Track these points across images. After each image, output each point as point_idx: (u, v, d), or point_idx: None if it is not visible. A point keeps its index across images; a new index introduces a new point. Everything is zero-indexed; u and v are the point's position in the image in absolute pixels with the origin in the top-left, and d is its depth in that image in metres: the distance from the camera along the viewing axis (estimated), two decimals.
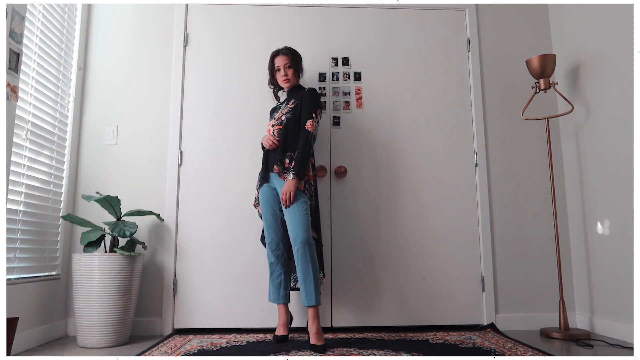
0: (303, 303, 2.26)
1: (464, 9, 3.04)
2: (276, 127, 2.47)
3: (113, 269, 2.33)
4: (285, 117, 2.45)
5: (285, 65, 2.50)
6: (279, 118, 2.48)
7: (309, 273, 2.24)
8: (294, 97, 2.51)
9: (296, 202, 2.29)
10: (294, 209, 2.30)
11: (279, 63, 2.51)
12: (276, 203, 2.43)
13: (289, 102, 2.51)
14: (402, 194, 2.83)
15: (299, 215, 2.29)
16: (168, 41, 2.90)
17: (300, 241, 2.25)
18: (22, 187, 2.27)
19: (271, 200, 2.43)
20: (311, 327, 2.24)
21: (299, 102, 2.47)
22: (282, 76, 2.51)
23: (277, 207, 2.43)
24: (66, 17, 2.68)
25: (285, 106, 2.51)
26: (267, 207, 2.44)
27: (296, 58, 2.54)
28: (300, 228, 2.26)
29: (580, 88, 2.78)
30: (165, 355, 2.08)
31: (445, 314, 2.74)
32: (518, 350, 2.14)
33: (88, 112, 2.82)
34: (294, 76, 2.53)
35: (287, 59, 2.50)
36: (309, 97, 2.44)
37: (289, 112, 2.46)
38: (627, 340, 2.35)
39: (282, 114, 2.48)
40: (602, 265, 2.58)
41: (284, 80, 2.51)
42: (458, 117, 2.93)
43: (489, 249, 2.80)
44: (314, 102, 2.42)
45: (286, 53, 2.51)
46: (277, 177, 2.40)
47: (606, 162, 2.55)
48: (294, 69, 2.52)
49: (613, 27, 2.50)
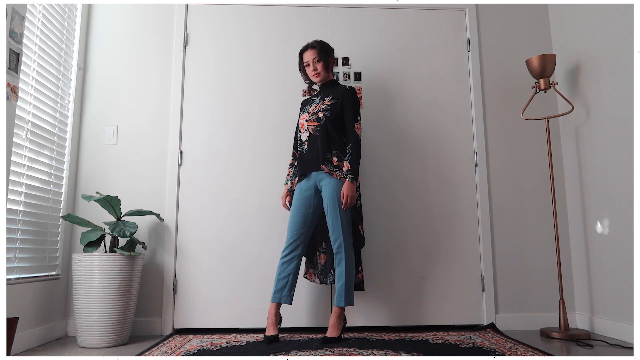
0: (335, 303, 2.36)
1: (464, 9, 3.04)
2: (312, 124, 2.45)
3: (113, 269, 2.33)
4: (323, 114, 2.43)
5: (314, 60, 2.48)
6: (314, 113, 2.46)
7: (342, 276, 2.33)
8: (331, 94, 2.48)
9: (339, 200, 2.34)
10: (344, 212, 2.35)
11: (307, 58, 2.49)
12: (311, 206, 2.42)
13: (325, 98, 2.48)
14: (402, 194, 2.83)
15: (347, 219, 2.36)
16: (168, 41, 2.90)
17: (344, 245, 2.32)
18: (22, 187, 2.27)
19: (306, 202, 2.43)
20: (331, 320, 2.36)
21: (338, 101, 2.44)
22: (312, 71, 2.48)
23: (311, 209, 2.42)
24: (66, 17, 2.68)
25: (321, 101, 2.48)
26: (300, 207, 2.42)
27: (325, 50, 2.49)
28: (346, 232, 2.34)
29: (580, 88, 2.78)
30: (165, 355, 2.08)
31: (445, 314, 2.74)
32: (518, 350, 2.14)
33: (88, 112, 2.82)
34: (324, 70, 2.49)
35: (315, 52, 2.47)
36: (353, 97, 2.44)
37: (327, 109, 2.43)
38: (627, 340, 2.35)
39: (318, 109, 2.46)
40: (602, 265, 2.58)
41: (314, 75, 2.49)
42: (458, 117, 2.94)
43: (489, 249, 2.80)
44: (357, 104, 2.45)
45: (314, 46, 2.48)
46: (325, 176, 2.38)
47: (606, 162, 2.55)
48: (324, 62, 2.48)
49: (613, 27, 2.50)
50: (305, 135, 2.48)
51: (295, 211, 2.43)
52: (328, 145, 2.40)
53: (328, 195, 2.37)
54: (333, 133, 2.42)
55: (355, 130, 2.41)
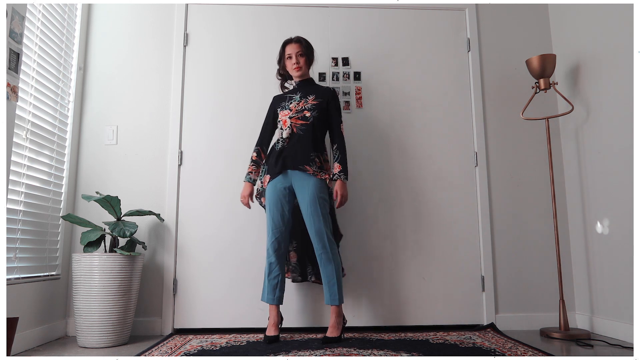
0: (326, 301, 2.35)
1: (464, 9, 3.04)
2: (296, 121, 2.44)
3: (113, 269, 2.33)
4: (311, 114, 2.43)
5: (298, 53, 2.49)
6: (298, 111, 2.45)
7: (333, 274, 2.33)
8: (313, 93, 2.49)
9: (323, 201, 2.36)
10: (326, 212, 2.36)
11: (290, 51, 2.50)
12: (288, 203, 2.41)
13: (308, 97, 2.48)
14: (402, 194, 2.83)
15: (326, 215, 2.36)
16: (168, 41, 2.90)
17: (329, 244, 2.32)
18: (22, 187, 2.27)
19: (282, 199, 2.40)
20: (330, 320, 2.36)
21: (322, 101, 2.47)
22: (294, 64, 2.48)
23: (288, 207, 2.41)
24: (66, 17, 2.68)
25: (303, 99, 2.48)
26: (276, 206, 2.40)
27: (309, 47, 2.53)
28: (329, 231, 2.35)
29: (580, 88, 2.78)
30: (165, 355, 2.08)
31: (445, 314, 2.74)
32: (518, 350, 2.14)
33: (88, 112, 2.82)
34: (306, 65, 2.51)
35: (300, 46, 2.49)
36: (337, 99, 2.53)
37: (313, 108, 2.44)
38: (627, 340, 2.35)
39: (302, 107, 2.45)
40: (602, 265, 2.58)
41: (295, 68, 2.49)
42: (458, 117, 2.93)
43: (489, 249, 2.80)
44: (340, 105, 2.55)
45: (299, 41, 2.51)
46: (306, 176, 2.37)
47: (606, 161, 2.55)
48: (307, 58, 2.50)
49: (613, 27, 2.50)
50: (286, 133, 2.45)
51: (274, 209, 2.39)
52: (314, 145, 2.40)
53: (310, 195, 2.35)
54: (319, 133, 2.45)
55: (341, 131, 2.50)
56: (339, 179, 2.39)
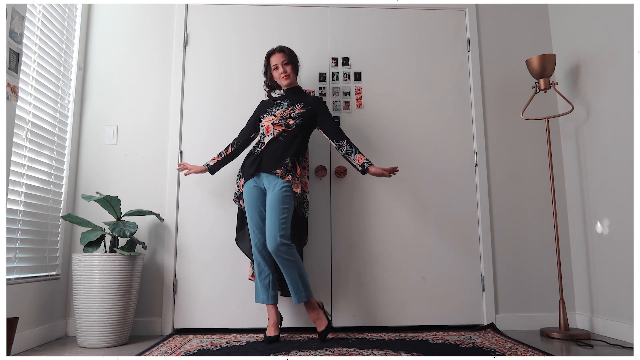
0: (294, 301, 2.33)
1: (464, 9, 3.04)
2: (278, 127, 2.46)
3: (113, 269, 2.33)
4: (294, 122, 2.45)
5: (283, 62, 2.50)
6: (282, 118, 2.47)
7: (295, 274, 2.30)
8: (301, 101, 2.52)
9: (283, 204, 2.32)
10: (284, 206, 2.33)
11: (275, 61, 2.51)
12: (262, 203, 2.43)
13: (296, 105, 2.50)
14: (402, 194, 2.83)
15: (286, 213, 2.33)
16: (168, 41, 2.90)
17: (287, 243, 2.28)
18: (22, 187, 2.27)
19: (258, 200, 2.43)
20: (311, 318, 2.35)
21: (310, 109, 2.49)
22: (282, 73, 2.50)
23: (263, 207, 2.42)
24: (66, 17, 2.68)
25: (291, 107, 2.50)
26: (253, 207, 2.43)
27: (293, 54, 2.55)
28: (289, 230, 2.33)
29: (580, 88, 2.78)
30: (165, 355, 2.08)
31: (445, 314, 2.74)
32: (518, 350, 2.14)
33: (88, 112, 2.82)
34: (293, 73, 2.53)
35: (284, 55, 2.51)
36: (326, 106, 2.57)
37: (298, 117, 2.46)
38: (627, 340, 2.35)
39: (287, 114, 2.47)
40: (602, 265, 2.58)
41: (283, 77, 2.50)
42: (458, 117, 2.93)
43: (489, 249, 2.80)
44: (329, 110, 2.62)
45: (282, 50, 2.53)
46: (274, 178, 2.39)
47: (606, 162, 2.55)
48: (292, 65, 2.52)
49: (613, 27, 2.50)
50: (268, 138, 2.47)
51: (252, 210, 2.42)
52: (290, 152, 2.42)
53: (275, 195, 2.35)
54: (299, 141, 2.45)
55: (340, 128, 2.55)
56: (370, 166, 2.39)
